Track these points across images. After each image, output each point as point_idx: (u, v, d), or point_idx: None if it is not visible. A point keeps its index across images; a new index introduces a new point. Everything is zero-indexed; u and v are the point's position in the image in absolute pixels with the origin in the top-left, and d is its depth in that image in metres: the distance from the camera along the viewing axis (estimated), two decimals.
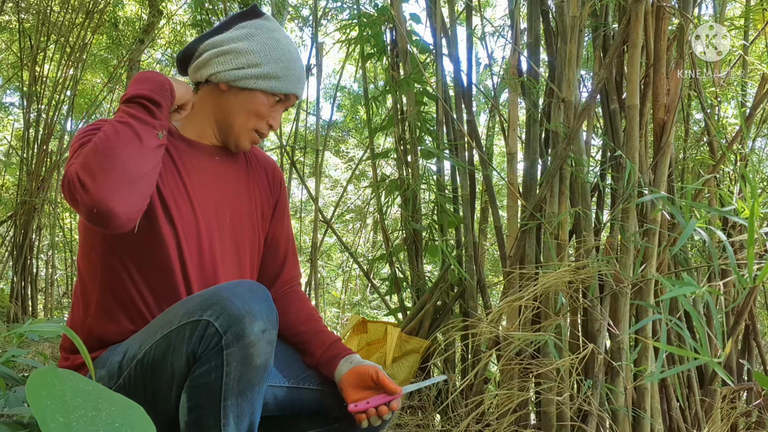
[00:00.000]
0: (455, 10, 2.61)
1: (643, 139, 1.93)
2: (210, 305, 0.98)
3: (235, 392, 0.98)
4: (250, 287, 1.02)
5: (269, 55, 1.23)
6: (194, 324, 0.97)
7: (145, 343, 1.04)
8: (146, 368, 1.03)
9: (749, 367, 2.28)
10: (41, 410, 0.39)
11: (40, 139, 4.54)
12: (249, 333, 0.96)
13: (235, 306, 0.97)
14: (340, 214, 6.81)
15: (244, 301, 0.98)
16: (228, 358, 0.96)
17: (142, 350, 1.04)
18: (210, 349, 0.96)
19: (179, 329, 0.99)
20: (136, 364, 1.04)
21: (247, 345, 0.97)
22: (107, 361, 1.11)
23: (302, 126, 4.38)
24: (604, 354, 1.82)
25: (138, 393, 1.06)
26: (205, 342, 0.96)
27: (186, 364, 0.99)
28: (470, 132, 2.44)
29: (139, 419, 0.44)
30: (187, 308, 1.00)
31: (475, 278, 2.36)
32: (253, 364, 0.98)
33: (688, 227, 1.09)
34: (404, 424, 2.27)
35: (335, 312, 7.39)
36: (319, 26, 3.78)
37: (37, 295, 4.75)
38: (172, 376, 1.01)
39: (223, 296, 0.98)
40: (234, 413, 0.99)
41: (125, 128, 1.03)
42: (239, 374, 0.97)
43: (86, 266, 1.18)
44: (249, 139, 1.28)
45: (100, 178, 0.98)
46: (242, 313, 0.97)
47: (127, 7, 6.17)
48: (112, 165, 0.99)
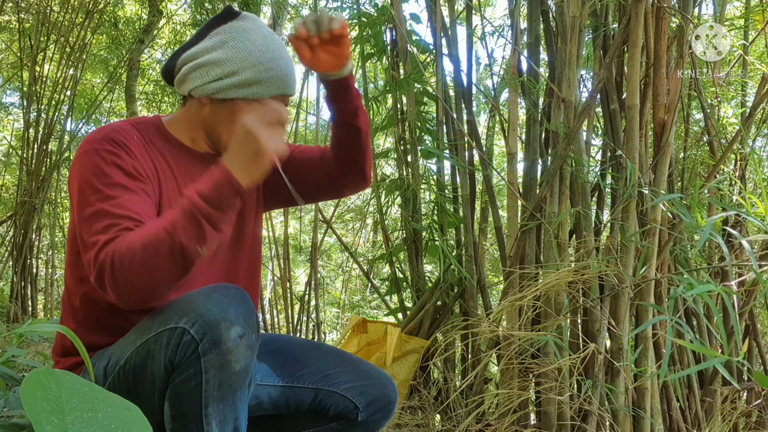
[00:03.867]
0: (455, 10, 2.60)
1: (643, 139, 1.92)
2: (186, 312, 0.95)
3: (216, 399, 0.97)
4: (226, 291, 0.99)
5: (245, 60, 1.16)
6: (171, 331, 0.95)
7: (126, 349, 1.03)
8: (128, 374, 1.02)
9: (749, 367, 2.28)
10: (36, 412, 0.39)
11: (40, 139, 4.53)
12: (226, 339, 0.95)
13: (211, 312, 0.95)
14: (340, 214, 6.81)
15: (221, 307, 0.96)
16: (206, 365, 0.94)
17: (124, 356, 1.02)
18: (187, 357, 0.95)
19: (157, 336, 0.97)
20: (119, 371, 1.03)
21: (225, 351, 0.95)
22: (94, 366, 1.10)
23: (302, 126, 4.38)
24: (605, 354, 1.82)
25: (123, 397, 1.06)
26: (182, 350, 0.95)
27: (165, 371, 0.97)
28: (470, 132, 2.43)
29: (136, 421, 0.44)
30: (163, 315, 0.98)
31: (475, 278, 2.36)
32: (232, 370, 0.96)
33: (707, 227, 1.08)
34: (404, 424, 2.27)
35: (335, 312, 7.39)
36: None
37: (37, 295, 4.75)
38: (153, 383, 0.99)
39: (198, 302, 0.96)
40: (216, 419, 0.98)
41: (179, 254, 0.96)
42: (219, 381, 0.96)
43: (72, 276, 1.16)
44: None
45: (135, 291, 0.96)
46: (218, 320, 0.94)
47: (127, 7, 6.16)
48: (152, 286, 0.96)
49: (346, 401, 1.23)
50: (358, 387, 1.24)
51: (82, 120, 5.48)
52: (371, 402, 1.24)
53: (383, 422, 1.27)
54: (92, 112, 5.49)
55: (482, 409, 2.10)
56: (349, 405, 1.23)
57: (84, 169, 1.06)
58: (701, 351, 0.99)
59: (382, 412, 1.26)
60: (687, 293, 1.01)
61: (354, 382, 1.24)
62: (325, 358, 1.28)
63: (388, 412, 1.27)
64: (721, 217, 2.03)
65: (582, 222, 1.92)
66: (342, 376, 1.24)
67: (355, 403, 1.23)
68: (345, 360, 1.29)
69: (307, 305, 3.51)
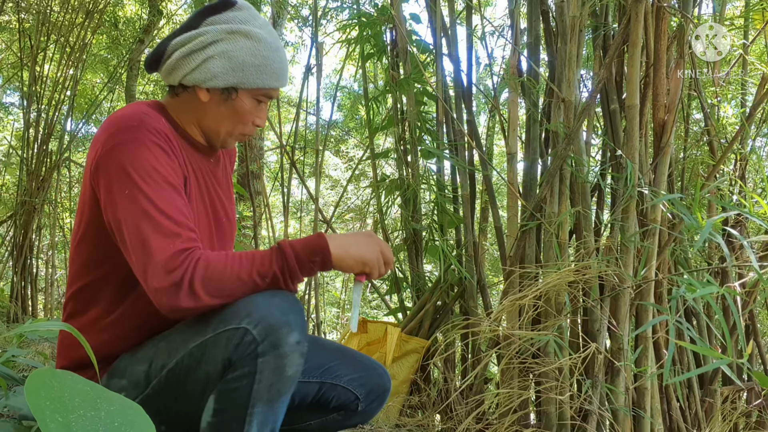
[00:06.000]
0: (455, 10, 2.61)
1: (643, 139, 1.92)
2: (248, 313, 0.98)
3: (263, 400, 0.99)
4: (286, 298, 1.03)
5: (240, 52, 1.12)
6: (232, 331, 0.98)
7: (175, 351, 1.04)
8: (178, 375, 1.03)
9: (749, 367, 2.28)
10: (40, 410, 0.39)
11: (40, 139, 4.53)
12: (285, 343, 0.98)
13: (274, 316, 0.98)
14: (340, 214, 6.81)
15: (283, 311, 0.99)
16: (261, 366, 0.97)
17: (173, 359, 1.04)
18: (246, 356, 0.97)
19: (215, 337, 0.99)
20: (167, 373, 1.04)
21: (282, 355, 0.98)
22: (126, 371, 1.09)
23: (302, 126, 4.38)
24: (605, 354, 1.82)
25: (167, 400, 1.06)
26: (242, 348, 0.97)
27: (222, 369, 1.00)
28: (470, 132, 2.43)
29: (138, 419, 0.44)
30: (222, 316, 1.00)
31: (475, 278, 2.36)
32: (284, 374, 1.00)
33: (706, 227, 1.08)
34: (404, 424, 2.27)
35: (335, 312, 7.39)
36: (319, 26, 3.78)
37: (37, 295, 4.75)
38: (205, 382, 1.02)
39: (262, 305, 0.99)
40: (258, 420, 1.00)
41: (251, 291, 1.02)
42: (270, 383, 0.99)
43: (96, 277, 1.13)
44: (236, 140, 1.23)
45: (200, 309, 1.00)
46: (280, 324, 0.98)
47: (127, 7, 6.17)
48: (213, 304, 1.01)
49: (347, 393, 1.26)
50: (357, 378, 1.27)
51: (82, 120, 5.49)
52: (369, 392, 1.28)
53: (378, 410, 1.32)
54: (92, 112, 5.49)
55: (482, 409, 2.10)
56: (350, 396, 1.26)
57: (131, 160, 1.02)
58: (704, 352, 1.00)
59: (378, 401, 1.30)
60: (690, 295, 1.01)
61: (353, 374, 1.27)
62: (323, 352, 1.30)
63: (383, 401, 1.32)
64: (721, 217, 2.03)
65: (582, 222, 1.92)
66: (342, 369, 1.27)
67: (356, 394, 1.27)
68: (341, 352, 1.32)
69: (307, 305, 3.51)
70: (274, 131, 4.40)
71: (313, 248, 1.05)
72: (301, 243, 1.05)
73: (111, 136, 1.05)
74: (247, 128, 1.20)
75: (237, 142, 1.24)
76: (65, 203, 6.12)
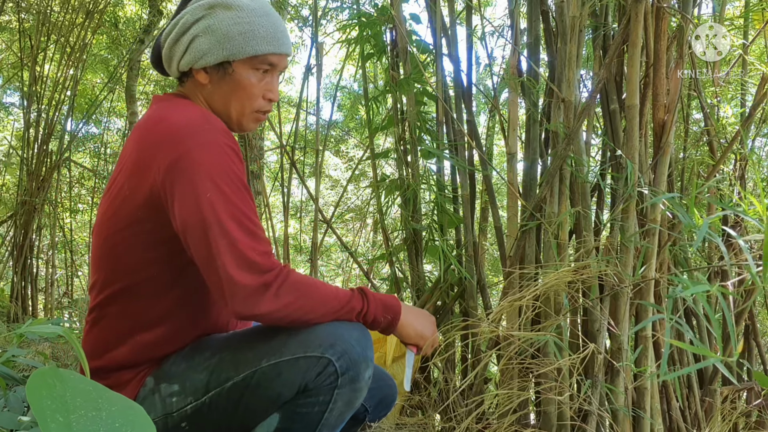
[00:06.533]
0: (455, 10, 2.61)
1: (643, 139, 1.93)
2: (332, 344, 1.01)
3: (329, 427, 1.03)
4: (365, 332, 1.07)
5: (222, 23, 1.08)
6: (315, 359, 1.00)
7: (244, 366, 1.04)
8: (243, 390, 1.04)
9: (749, 367, 2.28)
10: (41, 410, 0.39)
11: (40, 139, 4.53)
12: (361, 378, 1.02)
13: (356, 351, 1.01)
14: (340, 214, 6.80)
15: (363, 347, 1.03)
16: (337, 397, 1.01)
17: (241, 374, 1.03)
18: (325, 385, 1.00)
19: (293, 361, 1.01)
20: (231, 386, 1.04)
21: (357, 389, 1.02)
22: (181, 376, 1.07)
23: (302, 126, 4.38)
24: (605, 354, 1.82)
25: (224, 411, 1.06)
26: (322, 378, 1.00)
27: (296, 392, 1.02)
28: (470, 132, 2.43)
29: (139, 419, 0.44)
30: (301, 339, 1.02)
31: (475, 278, 2.36)
32: (353, 406, 1.04)
33: (703, 227, 1.08)
34: (404, 424, 2.27)
35: None
36: (319, 26, 3.78)
37: (37, 295, 4.75)
38: (274, 401, 1.03)
39: (345, 337, 1.02)
40: None
41: (329, 319, 1.05)
42: (340, 412, 1.02)
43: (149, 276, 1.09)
44: (252, 120, 1.17)
45: (277, 321, 1.02)
46: (360, 359, 1.01)
47: (127, 7, 6.16)
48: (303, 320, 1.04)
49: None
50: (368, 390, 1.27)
51: (82, 120, 5.49)
52: (378, 403, 1.31)
53: (383, 417, 1.36)
54: (92, 112, 5.49)
55: (482, 409, 2.10)
56: (360, 408, 1.28)
57: (215, 164, 1.00)
58: (698, 351, 1.00)
59: (385, 410, 1.34)
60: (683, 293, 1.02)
61: None
62: None
63: (389, 411, 1.36)
64: (718, 216, 2.03)
65: (582, 222, 1.92)
66: None
67: (365, 406, 1.30)
68: None
69: None
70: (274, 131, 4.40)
71: (390, 306, 1.12)
72: (381, 296, 1.11)
73: (183, 139, 1.01)
74: (258, 103, 1.15)
75: (256, 123, 1.18)
76: (65, 203, 6.11)
